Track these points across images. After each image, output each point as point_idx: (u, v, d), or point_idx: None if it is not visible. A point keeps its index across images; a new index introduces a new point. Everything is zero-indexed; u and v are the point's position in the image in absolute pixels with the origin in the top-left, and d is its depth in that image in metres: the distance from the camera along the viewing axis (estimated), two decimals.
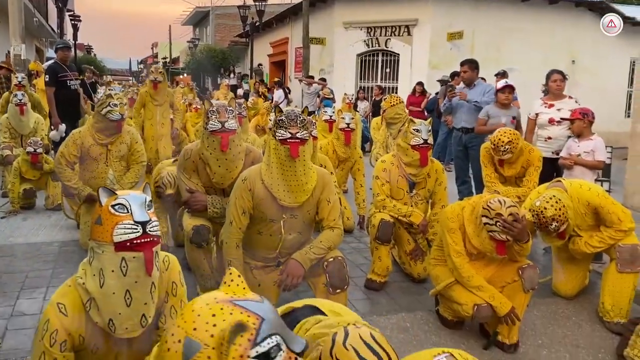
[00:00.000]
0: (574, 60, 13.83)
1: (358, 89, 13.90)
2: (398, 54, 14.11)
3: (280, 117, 2.74)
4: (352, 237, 5.26)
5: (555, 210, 3.29)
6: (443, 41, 13.43)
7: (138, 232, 1.80)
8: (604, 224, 3.52)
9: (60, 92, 7.13)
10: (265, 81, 18.65)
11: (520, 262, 3.10)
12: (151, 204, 1.90)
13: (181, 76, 29.91)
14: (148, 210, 1.86)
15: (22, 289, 3.73)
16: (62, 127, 6.92)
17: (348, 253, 4.60)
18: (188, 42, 33.91)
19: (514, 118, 5.56)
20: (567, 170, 4.75)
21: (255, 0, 18.04)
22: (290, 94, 14.02)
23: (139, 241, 1.80)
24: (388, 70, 14.51)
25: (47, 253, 4.52)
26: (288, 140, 2.69)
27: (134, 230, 1.79)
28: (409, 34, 13.82)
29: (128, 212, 1.81)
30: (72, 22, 24.85)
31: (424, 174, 3.92)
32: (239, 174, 3.05)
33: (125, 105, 4.39)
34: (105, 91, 4.55)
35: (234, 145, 3.20)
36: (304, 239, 2.98)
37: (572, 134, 4.82)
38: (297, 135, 2.69)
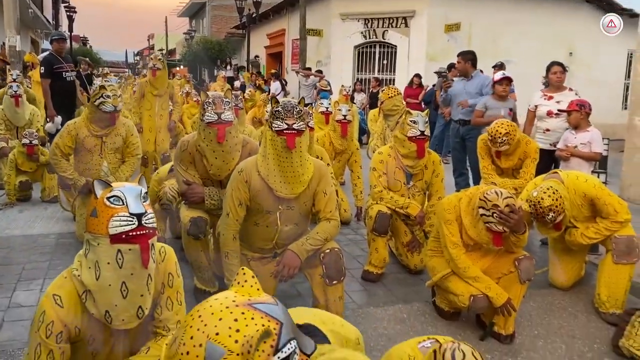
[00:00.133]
0: (572, 53, 13.81)
1: (355, 81, 13.87)
2: (395, 46, 14.08)
3: (276, 108, 2.73)
4: (349, 228, 5.27)
5: (552, 200, 3.29)
6: (440, 33, 13.40)
7: (133, 224, 1.79)
8: (600, 216, 3.53)
9: (56, 83, 7.08)
10: (262, 73, 18.58)
11: (517, 253, 3.10)
12: (147, 196, 1.89)
13: (177, 68, 29.77)
14: (143, 202, 1.85)
15: (19, 281, 3.73)
16: (58, 119, 6.88)
17: (345, 245, 4.61)
18: (184, 33, 33.80)
19: (510, 110, 5.56)
20: (563, 161, 4.76)
21: None
22: (286, 85, 13.98)
23: (134, 233, 1.79)
24: (385, 62, 14.48)
25: (43, 245, 4.52)
26: (284, 131, 2.68)
27: (129, 223, 1.78)
28: (407, 26, 13.78)
29: (123, 204, 1.80)
30: (68, 13, 24.71)
31: (421, 166, 3.92)
32: (235, 166, 3.04)
33: (119, 98, 4.34)
34: (102, 82, 4.53)
35: (230, 136, 3.19)
36: (300, 230, 2.98)
37: (569, 125, 4.82)
38: (293, 126, 2.68)
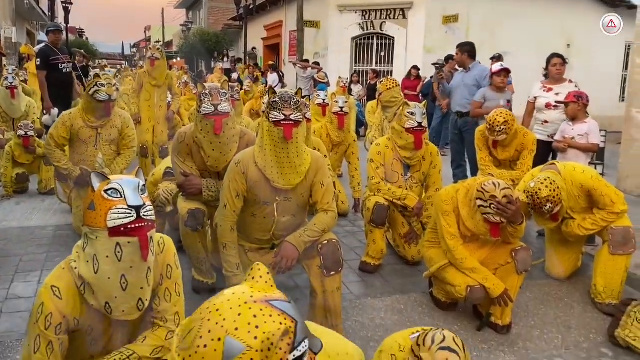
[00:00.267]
0: (569, 44, 13.79)
1: (352, 73, 13.83)
2: (393, 38, 14.03)
3: (273, 98, 2.72)
4: (346, 220, 5.27)
5: (549, 191, 3.30)
6: (438, 25, 13.35)
7: (132, 216, 1.78)
8: (597, 207, 3.54)
9: (52, 75, 7.05)
10: (259, 65, 18.52)
11: (514, 244, 3.11)
12: (145, 188, 1.88)
13: (174, 60, 29.64)
14: (142, 194, 1.84)
15: (16, 273, 3.73)
16: (55, 111, 6.84)
17: (343, 236, 4.62)
18: (181, 25, 33.59)
19: (508, 102, 5.57)
20: (561, 153, 4.76)
21: None
22: (283, 77, 13.93)
23: (133, 226, 1.77)
24: (383, 53, 14.43)
25: (41, 237, 4.51)
26: (282, 122, 2.67)
27: (128, 215, 1.77)
28: (404, 17, 13.72)
29: (121, 196, 1.79)
30: (64, 4, 24.50)
31: (419, 157, 3.92)
32: (233, 157, 3.03)
33: (114, 87, 4.30)
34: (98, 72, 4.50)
35: (227, 128, 3.18)
36: (297, 221, 2.98)
37: (566, 117, 4.82)
38: (290, 117, 2.67)
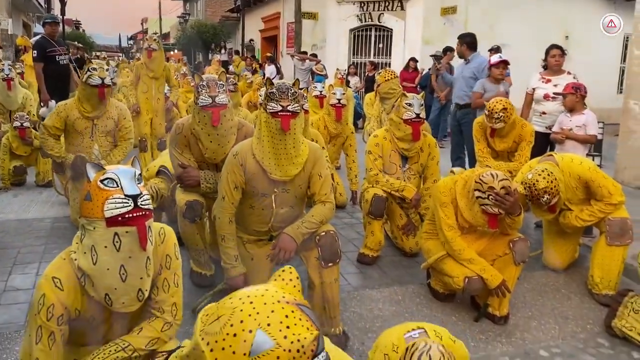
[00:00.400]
0: (568, 36, 13.76)
1: (349, 64, 13.80)
2: (391, 29, 13.99)
3: (271, 89, 2.71)
4: (344, 212, 5.27)
5: (547, 182, 3.30)
6: (436, 16, 13.30)
7: (129, 206, 1.77)
8: (595, 198, 3.55)
9: (49, 67, 7.00)
10: (256, 57, 18.45)
11: (512, 235, 3.12)
12: (141, 178, 1.87)
13: (172, 52, 29.53)
14: (138, 183, 1.83)
15: (14, 265, 3.73)
16: (52, 103, 6.80)
17: (341, 228, 4.62)
18: (178, 17, 33.49)
19: (506, 93, 5.57)
20: (559, 144, 4.76)
21: None
22: (280, 69, 13.87)
23: (130, 215, 1.77)
24: (381, 45, 14.39)
25: (39, 229, 4.51)
26: (279, 113, 2.65)
27: (125, 205, 1.76)
28: (402, 9, 13.67)
29: (118, 186, 1.78)
30: None
31: (417, 149, 3.92)
32: (231, 149, 3.02)
33: (107, 71, 4.26)
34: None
35: (225, 120, 3.17)
36: (295, 213, 2.98)
37: (564, 108, 4.82)
38: (288, 108, 2.66)
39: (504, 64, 5.60)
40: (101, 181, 1.79)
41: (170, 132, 3.48)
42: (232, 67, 15.95)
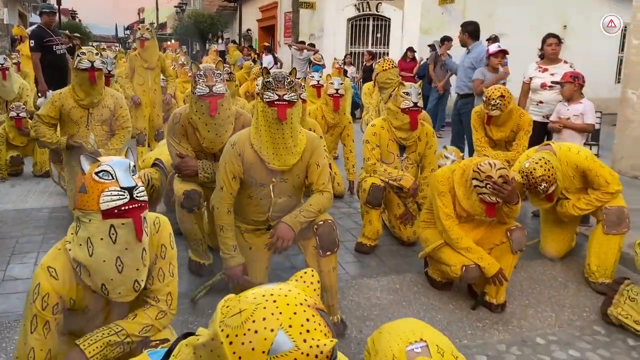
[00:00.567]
0: (566, 26, 13.72)
1: (345, 54, 13.75)
2: (389, 19, 13.91)
3: (267, 79, 2.70)
4: (342, 202, 5.28)
5: (544, 171, 3.31)
6: (435, 6, 13.23)
7: (125, 198, 1.77)
8: (592, 187, 3.56)
9: (46, 57, 6.94)
10: (254, 47, 18.36)
11: (509, 224, 3.13)
12: (135, 169, 1.87)
13: (169, 42, 29.37)
14: (133, 175, 1.83)
15: (12, 254, 3.74)
16: (50, 93, 6.77)
17: (338, 218, 4.63)
18: (175, 7, 33.23)
19: (503, 83, 5.57)
20: (556, 133, 4.77)
21: None
22: (278, 59, 13.82)
23: (126, 207, 1.77)
24: (379, 35, 14.32)
25: (37, 219, 4.51)
26: (275, 102, 2.65)
27: (121, 197, 1.77)
28: None
29: (113, 178, 1.78)
30: None
31: (415, 138, 3.92)
32: (228, 139, 3.02)
33: (97, 55, 4.23)
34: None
35: (222, 109, 3.16)
36: (294, 202, 2.98)
37: (562, 97, 4.82)
38: (284, 97, 2.65)
39: (503, 53, 5.60)
40: (96, 173, 1.79)
41: (168, 122, 3.47)
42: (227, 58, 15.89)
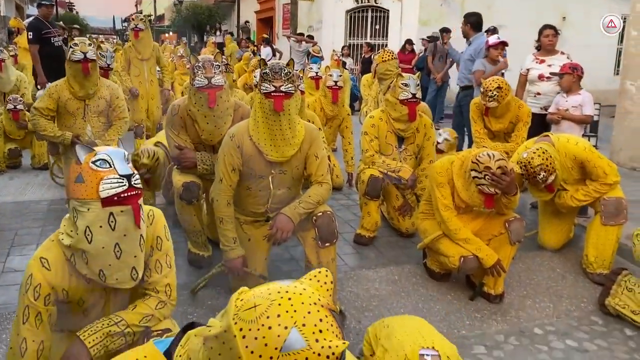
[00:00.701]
0: (565, 17, 13.69)
1: (343, 46, 13.71)
2: (388, 10, 13.87)
3: (264, 70, 2.70)
4: (341, 194, 5.29)
5: (542, 160, 3.30)
6: None
7: (124, 185, 1.79)
8: (590, 178, 3.57)
9: (44, 49, 6.91)
10: (252, 39, 18.30)
11: (507, 215, 3.14)
12: (129, 158, 1.90)
13: (166, 34, 29.25)
14: (128, 164, 1.85)
15: (12, 246, 3.74)
16: (49, 85, 6.75)
17: (337, 210, 4.63)
18: None
19: (502, 74, 5.57)
20: (555, 125, 4.77)
21: None
22: (277, 51, 13.78)
23: (126, 194, 1.79)
24: (378, 26, 14.29)
25: (35, 211, 4.51)
26: (272, 93, 2.65)
27: (120, 184, 1.78)
28: None
29: (111, 167, 1.80)
30: None
31: (413, 129, 3.91)
32: (227, 130, 3.02)
33: (90, 46, 4.22)
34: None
35: (221, 101, 3.15)
36: (293, 194, 2.99)
37: (561, 89, 4.82)
38: (281, 88, 2.65)
39: (503, 45, 5.59)
40: (93, 162, 1.80)
41: (167, 114, 3.46)
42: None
